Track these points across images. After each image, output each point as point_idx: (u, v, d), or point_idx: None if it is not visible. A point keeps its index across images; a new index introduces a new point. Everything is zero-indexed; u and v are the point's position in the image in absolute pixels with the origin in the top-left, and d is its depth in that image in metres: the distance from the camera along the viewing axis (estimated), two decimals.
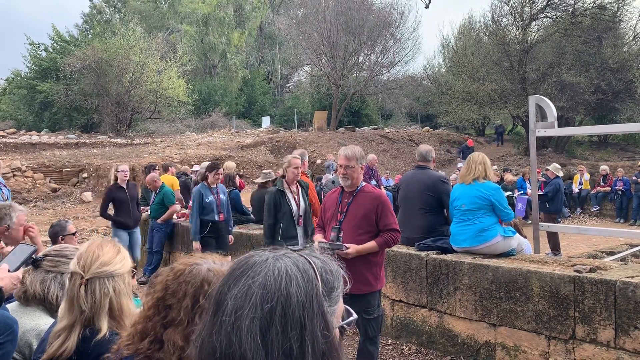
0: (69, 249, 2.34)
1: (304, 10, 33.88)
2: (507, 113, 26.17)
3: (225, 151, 19.81)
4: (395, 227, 3.87)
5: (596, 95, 22.75)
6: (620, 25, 25.07)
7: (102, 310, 1.76)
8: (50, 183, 16.51)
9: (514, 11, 24.78)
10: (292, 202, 5.16)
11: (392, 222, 3.86)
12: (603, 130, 14.61)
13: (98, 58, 24.95)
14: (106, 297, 1.77)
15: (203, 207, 6.69)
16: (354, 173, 3.94)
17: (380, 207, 3.85)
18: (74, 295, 1.76)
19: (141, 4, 40.17)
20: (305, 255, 0.94)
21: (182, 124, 30.23)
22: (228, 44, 38.02)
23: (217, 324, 0.85)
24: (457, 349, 4.63)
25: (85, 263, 1.79)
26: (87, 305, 1.74)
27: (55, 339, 1.74)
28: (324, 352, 0.85)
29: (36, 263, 2.24)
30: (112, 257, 1.83)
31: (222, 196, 6.95)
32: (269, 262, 0.89)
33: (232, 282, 0.88)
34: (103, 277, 1.78)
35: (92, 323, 1.75)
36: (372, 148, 22.68)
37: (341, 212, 3.98)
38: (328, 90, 31.94)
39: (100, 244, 1.87)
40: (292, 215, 5.12)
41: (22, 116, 27.76)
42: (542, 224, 6.68)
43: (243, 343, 0.81)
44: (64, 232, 3.91)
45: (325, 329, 0.87)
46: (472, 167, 4.74)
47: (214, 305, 0.88)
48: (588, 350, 3.76)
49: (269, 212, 5.12)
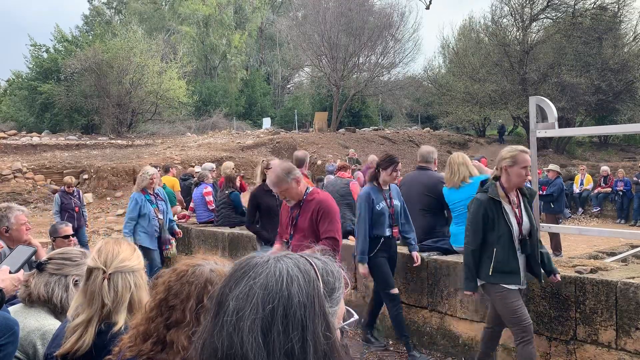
0: (73, 252, 2.37)
1: (304, 11, 33.88)
2: (507, 114, 26.18)
3: (225, 152, 19.81)
4: (333, 234, 3.60)
5: (597, 96, 22.76)
6: (621, 25, 25.09)
7: (123, 304, 1.82)
8: (51, 184, 16.51)
9: (514, 12, 24.80)
10: (512, 218, 3.58)
11: (331, 229, 3.63)
12: (603, 130, 14.61)
13: (99, 59, 24.96)
14: (128, 290, 1.84)
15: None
16: (291, 192, 3.85)
17: (320, 213, 3.69)
18: (96, 290, 1.81)
19: (142, 5, 40.23)
20: (306, 256, 0.94)
21: (183, 125, 30.22)
22: (228, 45, 38.04)
23: (218, 324, 0.86)
24: (458, 350, 4.63)
25: (106, 258, 1.85)
26: (110, 298, 1.79)
27: (72, 334, 1.77)
28: (325, 353, 0.86)
29: (40, 266, 2.25)
30: (130, 254, 1.90)
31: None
32: (270, 263, 0.89)
33: (233, 283, 0.88)
34: (125, 271, 1.85)
35: (109, 317, 1.80)
36: (373, 149, 22.67)
37: (291, 225, 3.95)
38: (328, 92, 31.95)
39: (118, 242, 1.95)
40: (512, 236, 3.55)
41: (23, 117, 27.78)
42: (543, 224, 6.66)
43: (245, 344, 0.82)
44: (56, 234, 4.00)
45: (326, 329, 0.87)
46: (456, 169, 4.77)
47: (215, 307, 0.88)
48: (589, 351, 3.75)
49: (475, 231, 3.57)
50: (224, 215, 7.83)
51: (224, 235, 7.49)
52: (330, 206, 3.73)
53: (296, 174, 3.86)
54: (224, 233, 7.50)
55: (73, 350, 1.72)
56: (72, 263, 2.28)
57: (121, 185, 16.19)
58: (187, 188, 10.32)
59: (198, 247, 8.04)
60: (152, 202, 6.45)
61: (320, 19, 27.74)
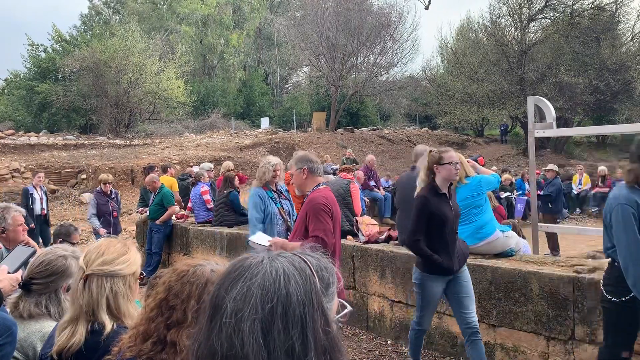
0: (56, 261, 2.16)
1: (302, 11, 33.88)
2: (505, 114, 26.24)
3: (224, 152, 19.81)
4: (318, 234, 3.56)
5: (595, 96, 22.80)
6: (619, 26, 25.15)
7: (100, 307, 1.75)
8: (49, 184, 16.48)
9: (512, 12, 24.83)
10: None
11: (316, 228, 3.58)
12: (601, 130, 14.62)
13: (97, 59, 24.93)
14: (102, 295, 1.75)
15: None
16: (296, 179, 3.89)
17: (309, 212, 3.64)
18: (75, 289, 1.77)
19: (140, 5, 40.19)
20: (299, 254, 0.95)
21: (181, 125, 30.20)
22: (226, 44, 38.03)
23: (215, 327, 0.85)
24: (456, 350, 4.63)
25: (89, 259, 1.78)
26: (84, 300, 1.74)
27: (61, 332, 1.75)
28: (325, 348, 0.86)
29: (25, 288, 2.14)
30: (116, 257, 1.81)
31: None
32: (265, 263, 0.89)
33: (228, 285, 0.88)
34: (102, 275, 1.76)
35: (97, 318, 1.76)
36: (371, 149, 22.70)
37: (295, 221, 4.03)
38: (327, 91, 31.94)
39: (110, 242, 1.85)
40: None
41: (21, 117, 27.74)
42: (541, 224, 6.68)
43: (245, 345, 0.82)
44: (69, 238, 3.97)
45: (325, 324, 0.88)
46: None
47: (211, 309, 0.88)
48: (587, 351, 3.76)
49: None
50: (222, 214, 7.82)
51: (222, 235, 7.49)
52: (318, 204, 3.61)
53: (308, 165, 3.80)
54: (222, 233, 7.50)
55: (65, 348, 1.70)
56: (58, 275, 2.14)
57: (119, 185, 16.16)
58: (185, 188, 10.33)
59: (196, 247, 8.02)
60: (275, 200, 4.99)
61: (318, 18, 27.73)
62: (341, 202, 6.76)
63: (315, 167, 3.83)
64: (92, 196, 8.24)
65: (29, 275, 2.16)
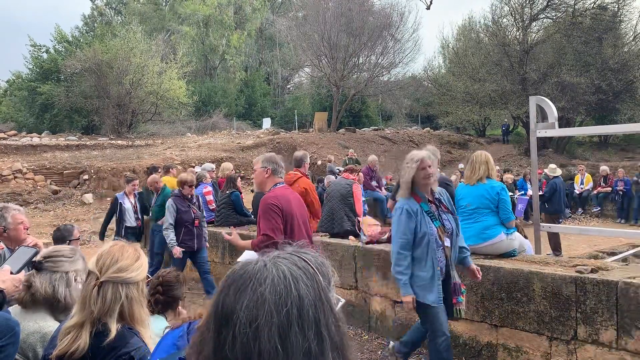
0: (65, 249, 2.33)
1: (304, 11, 33.87)
2: (507, 114, 26.21)
3: (225, 152, 19.82)
4: (266, 231, 3.65)
5: (597, 96, 22.75)
6: (621, 25, 25.07)
7: (112, 314, 1.74)
8: (51, 185, 16.51)
9: (514, 12, 24.79)
10: None
11: (263, 226, 3.70)
12: (603, 130, 14.61)
13: (98, 60, 24.97)
14: (117, 302, 1.75)
15: None
16: (256, 176, 4.06)
17: (259, 211, 3.80)
18: (87, 295, 1.75)
19: (142, 6, 40.24)
20: (296, 253, 0.94)
21: (183, 126, 30.23)
22: (228, 45, 38.06)
23: (228, 338, 0.84)
24: (459, 350, 4.62)
25: (103, 265, 1.77)
26: (97, 307, 1.73)
27: (64, 336, 1.73)
28: (337, 344, 0.87)
29: (39, 266, 2.22)
30: (130, 264, 1.80)
31: None
32: (270, 268, 0.88)
33: (235, 293, 0.86)
34: (118, 282, 1.76)
35: (105, 320, 1.74)
36: (373, 149, 22.67)
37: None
38: (328, 92, 31.94)
39: (122, 247, 1.84)
40: None
41: (23, 118, 27.80)
42: (543, 224, 6.67)
43: (263, 352, 0.81)
44: (71, 236, 3.96)
45: (335, 320, 0.89)
46: (477, 167, 4.66)
47: (219, 320, 0.86)
48: (590, 351, 3.75)
49: None
50: (224, 215, 7.82)
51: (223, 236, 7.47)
52: (267, 204, 3.74)
53: (272, 165, 3.95)
54: (223, 233, 7.48)
55: (68, 352, 1.69)
56: (67, 259, 2.25)
57: (121, 185, 16.17)
58: None
59: None
60: (433, 216, 3.62)
61: (320, 19, 27.72)
62: (343, 202, 6.76)
63: (279, 170, 4.00)
64: (171, 202, 6.66)
65: (41, 256, 2.27)
